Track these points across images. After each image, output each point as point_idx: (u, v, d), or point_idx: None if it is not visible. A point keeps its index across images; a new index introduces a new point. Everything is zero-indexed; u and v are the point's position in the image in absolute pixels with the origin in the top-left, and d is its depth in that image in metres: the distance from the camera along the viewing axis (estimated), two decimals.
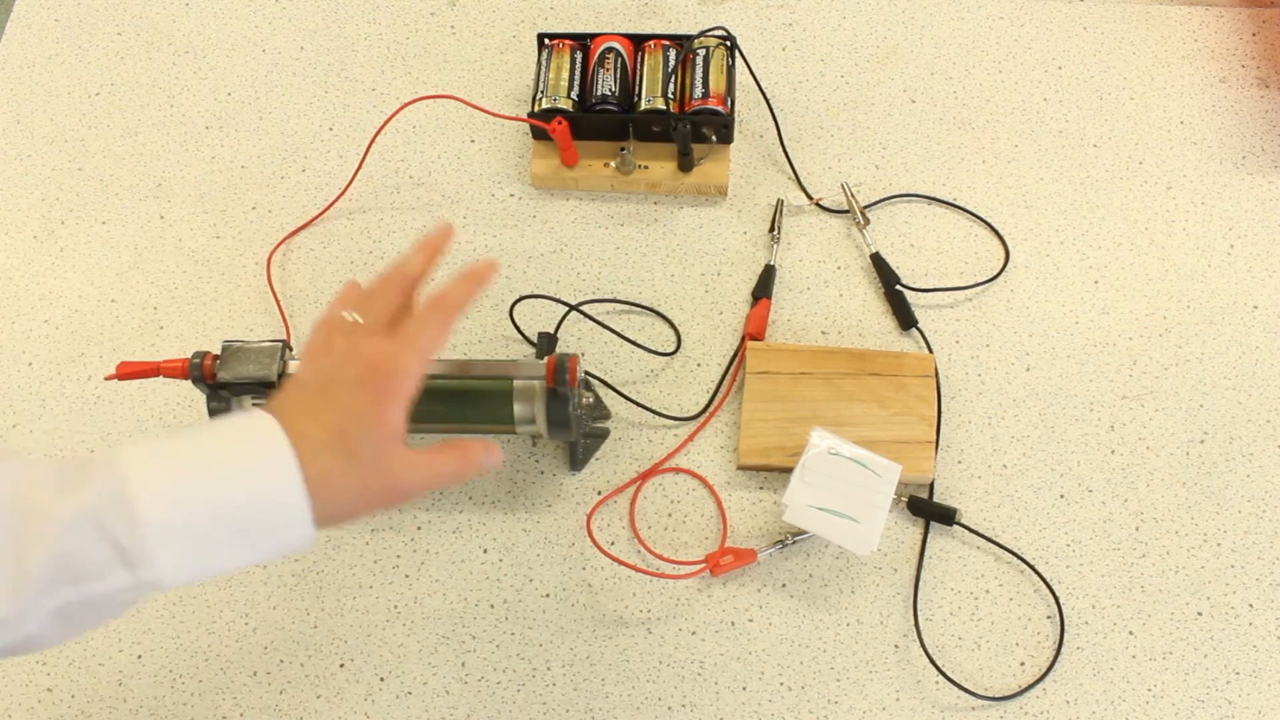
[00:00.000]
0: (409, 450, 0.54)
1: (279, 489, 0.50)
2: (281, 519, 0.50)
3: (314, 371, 0.55)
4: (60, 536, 0.45)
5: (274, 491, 0.50)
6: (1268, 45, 0.93)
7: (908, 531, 0.76)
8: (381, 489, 0.53)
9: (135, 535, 0.46)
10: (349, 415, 0.52)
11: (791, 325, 0.83)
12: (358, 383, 0.53)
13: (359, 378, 0.53)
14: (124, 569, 0.46)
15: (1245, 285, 0.83)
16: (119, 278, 0.87)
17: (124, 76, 0.96)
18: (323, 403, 0.53)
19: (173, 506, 0.47)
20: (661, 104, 0.86)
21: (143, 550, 0.46)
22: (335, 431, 0.52)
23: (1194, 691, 0.71)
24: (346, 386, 0.53)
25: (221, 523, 0.48)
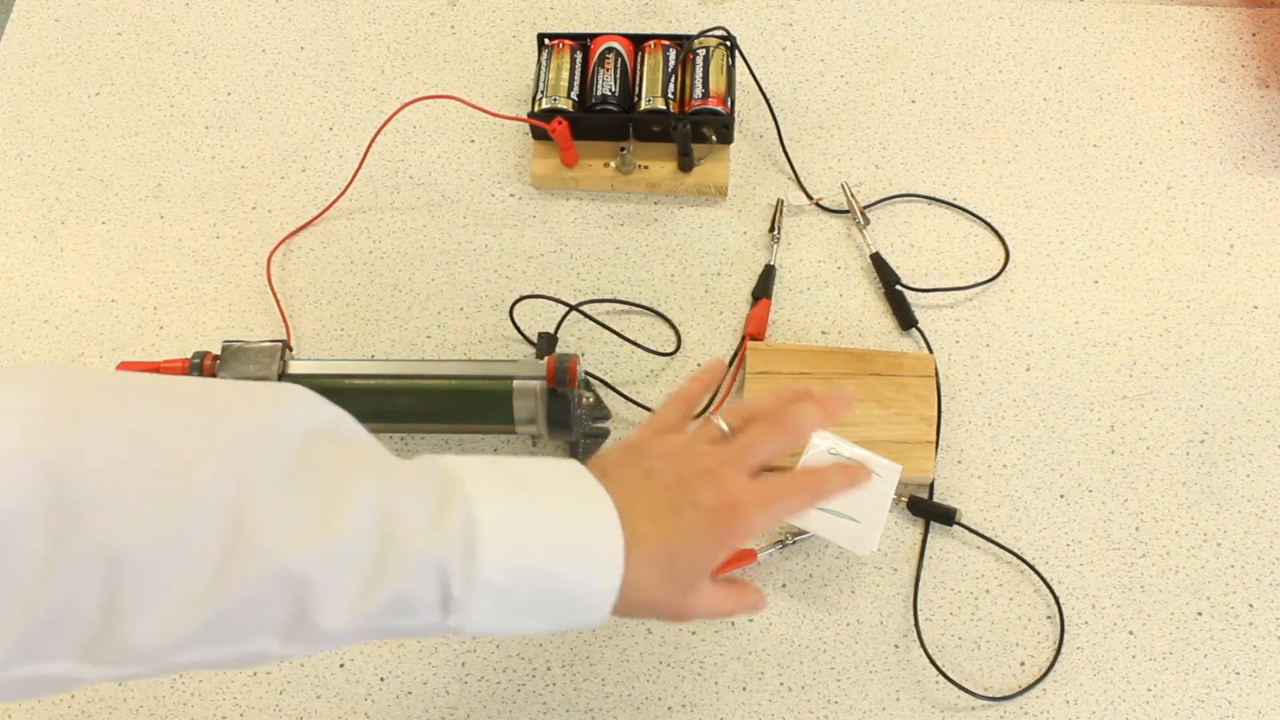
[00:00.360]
0: (709, 584, 0.55)
1: (600, 582, 0.50)
2: (588, 605, 0.50)
3: (671, 468, 0.54)
4: (410, 574, 0.46)
5: (595, 584, 0.50)
6: (1268, 45, 0.93)
7: (908, 531, 0.76)
8: (675, 609, 0.54)
9: (465, 587, 0.47)
10: (688, 540, 0.52)
11: (791, 325, 0.83)
12: (710, 513, 0.52)
13: (713, 508, 0.52)
14: (440, 612, 0.47)
15: (1245, 285, 0.83)
16: (119, 278, 0.87)
17: (124, 76, 0.96)
18: (669, 514, 0.52)
19: (506, 570, 0.48)
20: (661, 104, 0.86)
21: (464, 601, 0.47)
22: (668, 549, 0.51)
23: (1194, 691, 0.71)
24: (697, 509, 0.52)
25: (536, 594, 0.49)
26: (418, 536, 0.46)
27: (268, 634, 0.44)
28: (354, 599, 0.45)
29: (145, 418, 0.43)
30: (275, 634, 0.44)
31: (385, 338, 0.84)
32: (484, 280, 0.86)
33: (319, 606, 0.44)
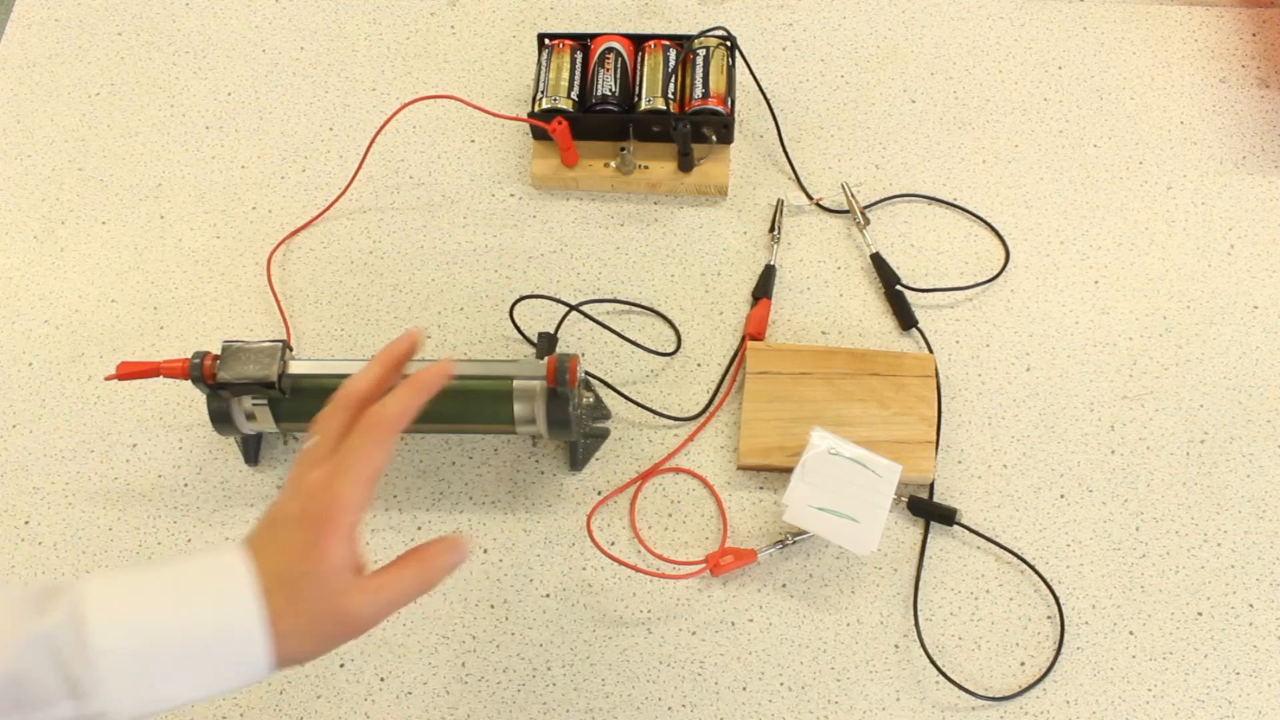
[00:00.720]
0: (363, 578, 0.52)
1: (236, 623, 0.48)
2: (237, 654, 0.49)
3: (271, 506, 0.53)
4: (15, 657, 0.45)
5: (231, 626, 0.48)
6: (1268, 45, 0.93)
7: (908, 531, 0.76)
8: (335, 624, 0.51)
9: (85, 662, 0.45)
10: (290, 554, 0.50)
11: (791, 325, 0.83)
12: (297, 520, 0.51)
13: (299, 513, 0.51)
14: (70, 699, 0.45)
15: (1245, 285, 0.83)
16: (119, 278, 0.87)
17: (124, 76, 0.96)
18: (268, 542, 0.51)
19: (125, 634, 0.46)
20: (661, 104, 0.86)
21: (92, 679, 0.45)
22: (275, 573, 0.50)
23: (1194, 691, 0.71)
24: (288, 524, 0.51)
25: (173, 654, 0.47)
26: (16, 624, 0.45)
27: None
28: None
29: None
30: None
31: (385, 338, 0.84)
32: (484, 280, 0.86)
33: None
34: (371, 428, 0.53)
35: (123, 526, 0.78)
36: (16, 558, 0.78)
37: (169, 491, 0.79)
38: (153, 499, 0.79)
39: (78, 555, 0.77)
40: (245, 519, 0.78)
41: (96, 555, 0.77)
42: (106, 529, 0.78)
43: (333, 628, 0.51)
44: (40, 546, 0.78)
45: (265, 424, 0.73)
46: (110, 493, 0.79)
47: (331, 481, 0.51)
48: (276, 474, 0.79)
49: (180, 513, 0.79)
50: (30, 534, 0.78)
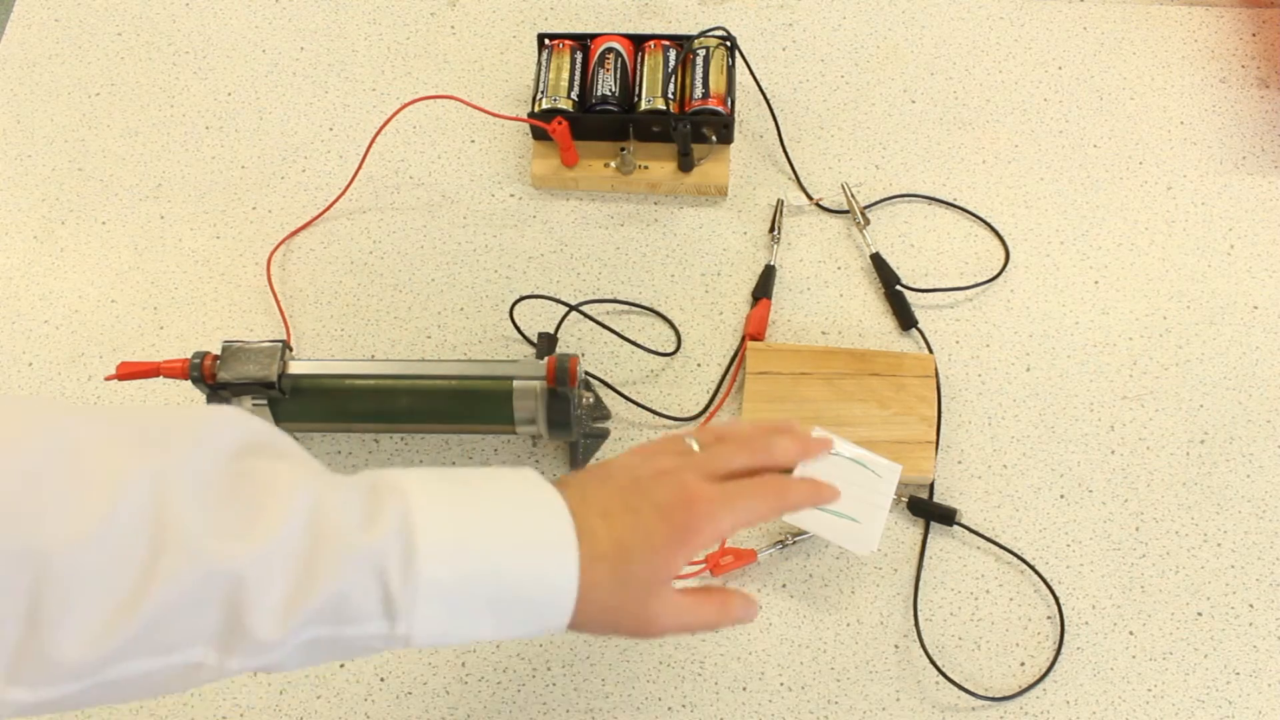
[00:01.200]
0: (674, 591, 0.53)
1: (554, 578, 0.48)
2: (544, 606, 0.49)
3: (628, 473, 0.53)
4: (344, 574, 0.44)
5: (548, 580, 0.48)
6: (1268, 45, 0.93)
7: (908, 531, 0.76)
8: (635, 618, 0.52)
9: (407, 588, 0.45)
10: (641, 535, 0.50)
11: (791, 325, 0.83)
12: (666, 509, 0.51)
13: (669, 504, 0.51)
14: (384, 619, 0.45)
15: (1245, 285, 0.83)
16: (119, 278, 0.87)
17: (124, 76, 0.96)
18: (622, 511, 0.51)
19: (450, 566, 0.46)
20: (661, 104, 0.86)
21: (408, 604, 0.45)
22: (620, 546, 0.50)
23: (1194, 691, 0.71)
24: (653, 506, 0.51)
25: (488, 593, 0.47)
26: (350, 535, 0.45)
27: (201, 643, 0.43)
28: (286, 601, 0.43)
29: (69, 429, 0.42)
30: (209, 643, 0.43)
31: (385, 338, 0.84)
32: (484, 280, 0.86)
33: (250, 610, 0.42)
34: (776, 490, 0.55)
35: None
36: None
37: None
38: None
39: None
40: None
41: None
42: None
43: (629, 620, 0.51)
44: None
45: None
46: None
47: (718, 503, 0.52)
48: None
49: None
50: None
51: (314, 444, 0.80)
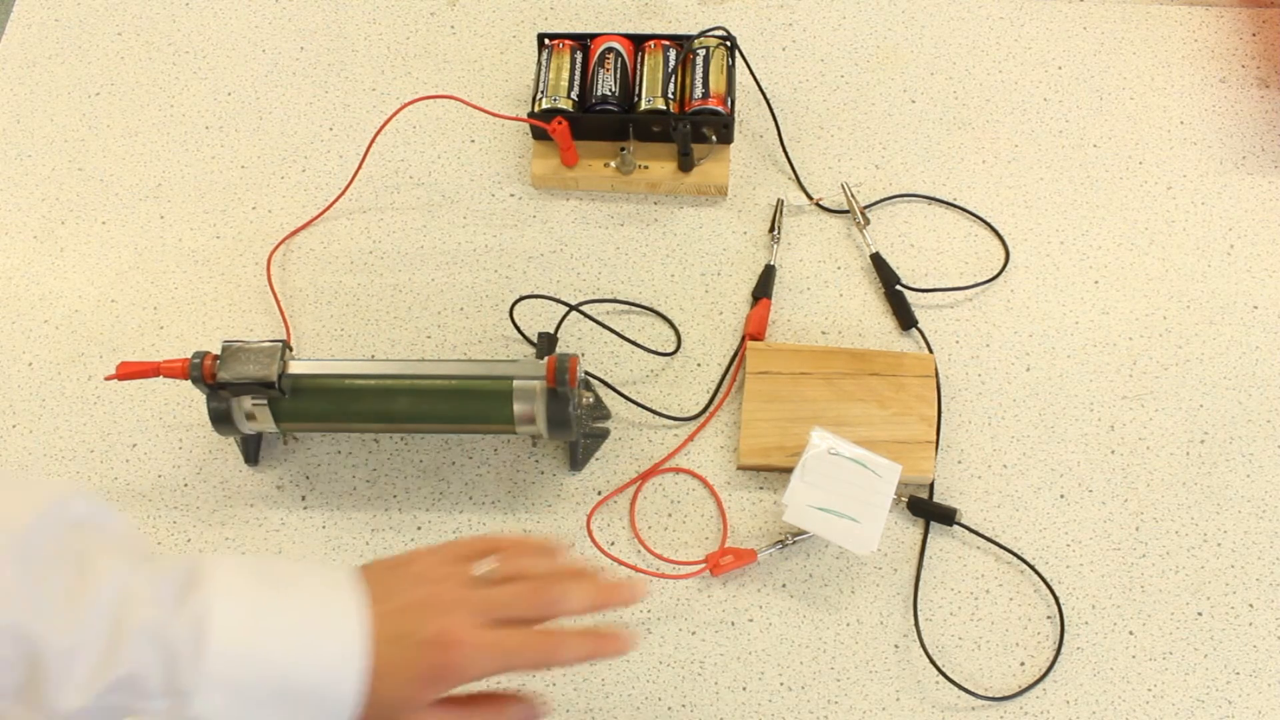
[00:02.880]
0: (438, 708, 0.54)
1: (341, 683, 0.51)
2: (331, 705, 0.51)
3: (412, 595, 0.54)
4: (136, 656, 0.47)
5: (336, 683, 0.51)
6: (1268, 45, 0.93)
7: (908, 531, 0.76)
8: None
9: (195, 675, 0.48)
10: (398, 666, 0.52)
11: (791, 325, 0.83)
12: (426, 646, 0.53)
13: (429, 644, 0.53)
14: (167, 698, 0.48)
15: (1245, 285, 0.83)
16: (119, 278, 0.87)
17: (124, 76, 0.96)
18: (391, 639, 0.53)
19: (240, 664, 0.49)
20: (661, 104, 0.86)
21: (195, 691, 0.48)
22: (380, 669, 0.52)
23: (1194, 691, 0.71)
24: (416, 642, 0.53)
25: (277, 689, 0.49)
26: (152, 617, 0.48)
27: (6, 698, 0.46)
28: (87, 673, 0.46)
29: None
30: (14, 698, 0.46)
31: (385, 338, 0.84)
32: (484, 280, 0.86)
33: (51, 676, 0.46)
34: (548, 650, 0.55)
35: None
36: None
37: (169, 491, 0.79)
38: (152, 499, 0.79)
39: None
40: (245, 519, 0.78)
41: None
42: None
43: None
44: None
45: (265, 424, 0.73)
46: (110, 493, 0.79)
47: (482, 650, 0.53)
48: (276, 474, 0.79)
49: (180, 513, 0.79)
50: None
51: (314, 444, 0.80)
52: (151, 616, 0.48)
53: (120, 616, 0.47)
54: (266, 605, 0.51)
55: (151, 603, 0.48)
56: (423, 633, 0.53)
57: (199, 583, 0.50)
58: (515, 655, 0.54)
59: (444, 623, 0.53)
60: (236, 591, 0.50)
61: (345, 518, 0.78)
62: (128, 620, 0.47)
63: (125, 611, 0.47)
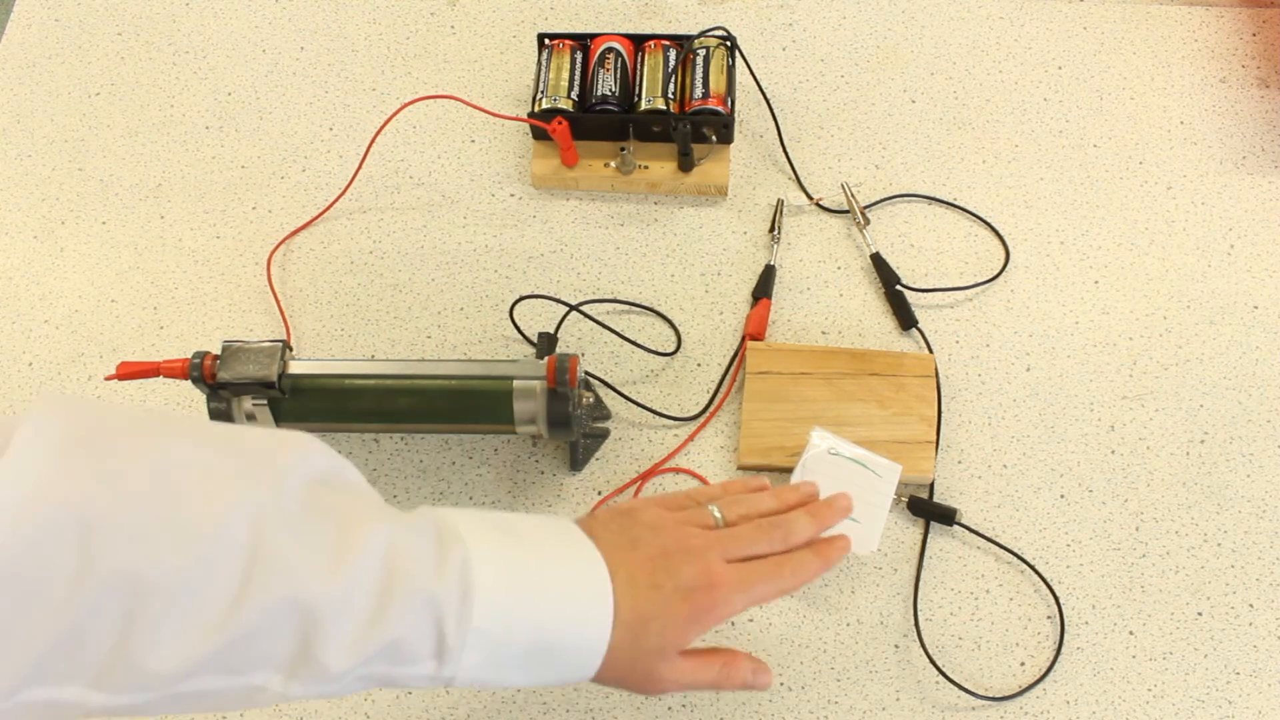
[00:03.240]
0: (682, 657, 0.56)
1: (588, 639, 0.52)
2: (573, 662, 0.52)
3: (657, 543, 0.56)
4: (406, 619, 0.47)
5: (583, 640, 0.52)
6: (1268, 45, 0.93)
7: (908, 531, 0.76)
8: (643, 678, 0.55)
9: (460, 635, 0.48)
10: (661, 610, 0.53)
11: (791, 325, 0.83)
12: (688, 591, 0.54)
13: (691, 588, 0.54)
14: (435, 661, 0.48)
15: (1245, 285, 0.83)
16: (119, 278, 0.87)
17: (124, 76, 0.96)
18: (648, 584, 0.54)
19: (498, 618, 0.49)
20: (661, 104, 0.86)
21: (457, 650, 0.48)
22: (641, 617, 0.53)
23: (1194, 691, 0.71)
24: (676, 586, 0.54)
25: (526, 645, 0.50)
26: (418, 579, 0.47)
27: (271, 668, 0.45)
28: (356, 636, 0.46)
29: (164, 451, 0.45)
30: (279, 669, 0.45)
31: (385, 338, 0.84)
32: (484, 280, 0.86)
33: (323, 641, 0.45)
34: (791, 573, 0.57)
35: None
36: None
37: None
38: None
39: None
40: None
41: None
42: None
43: (636, 679, 0.55)
44: None
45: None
46: None
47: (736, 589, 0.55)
48: None
49: None
50: None
51: None
52: (418, 576, 0.47)
53: (390, 575, 0.47)
54: (518, 561, 0.51)
55: (417, 562, 0.48)
56: (681, 577, 0.54)
57: (453, 540, 0.50)
58: (767, 587, 0.56)
59: (701, 566, 0.54)
60: (489, 547, 0.51)
61: None
62: (397, 580, 0.47)
63: (393, 571, 0.47)
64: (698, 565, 0.55)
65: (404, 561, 0.47)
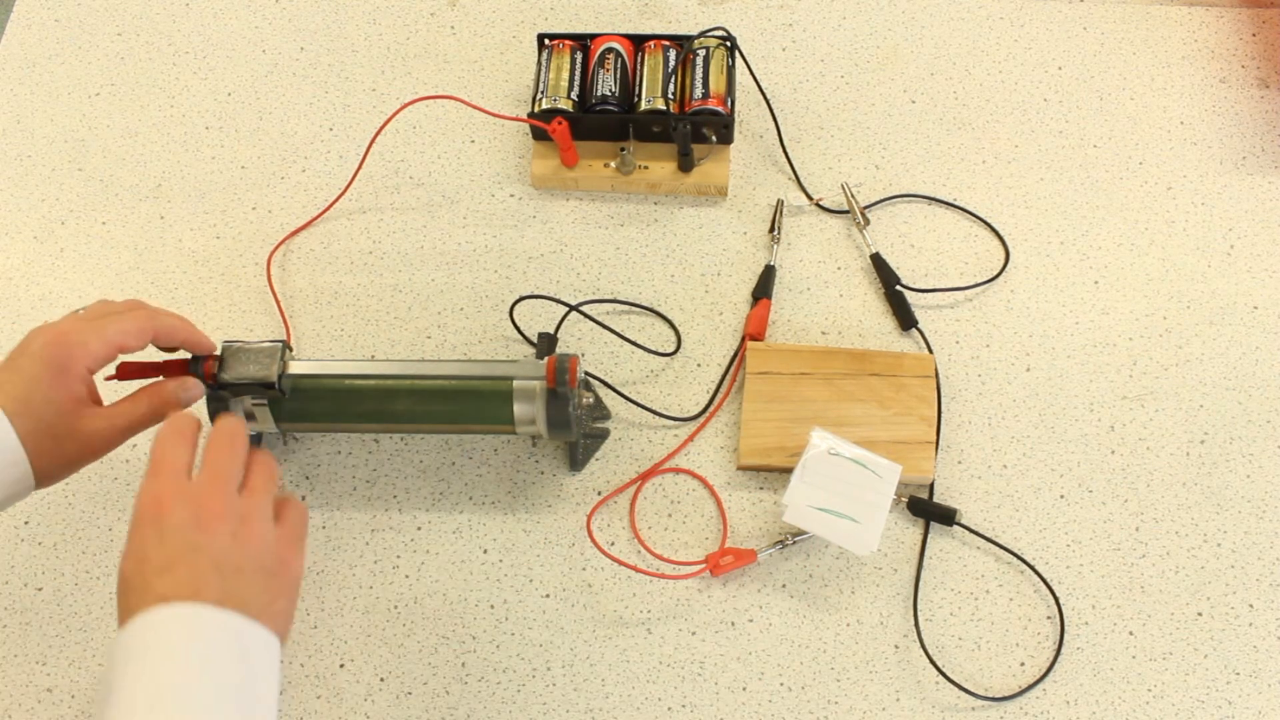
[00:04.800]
0: (101, 407, 0.63)
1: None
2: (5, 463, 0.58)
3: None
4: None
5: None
6: (1268, 45, 0.93)
7: (908, 531, 0.76)
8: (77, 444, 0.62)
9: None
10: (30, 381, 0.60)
11: (791, 325, 0.83)
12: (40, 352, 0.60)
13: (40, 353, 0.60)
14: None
15: (1245, 285, 0.83)
16: (119, 278, 0.87)
17: (124, 76, 0.96)
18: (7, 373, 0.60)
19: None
20: (661, 104, 0.86)
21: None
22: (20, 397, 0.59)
23: (1194, 691, 0.71)
24: (30, 357, 0.60)
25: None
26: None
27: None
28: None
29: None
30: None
31: (385, 338, 0.84)
32: (484, 280, 0.86)
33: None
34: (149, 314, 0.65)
35: (123, 526, 0.78)
36: (16, 558, 0.78)
37: None
38: None
39: (78, 555, 0.77)
40: None
41: (96, 555, 0.77)
42: (106, 529, 0.78)
43: (76, 448, 0.62)
44: (40, 547, 0.78)
45: (265, 424, 0.73)
46: (110, 493, 0.79)
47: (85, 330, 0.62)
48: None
49: None
50: (30, 534, 0.78)
51: (314, 444, 0.80)
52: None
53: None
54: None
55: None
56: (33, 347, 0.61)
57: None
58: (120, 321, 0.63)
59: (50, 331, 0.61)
60: None
61: (345, 518, 0.78)
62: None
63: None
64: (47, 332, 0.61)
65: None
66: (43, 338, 0.61)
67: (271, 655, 0.53)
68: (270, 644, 0.53)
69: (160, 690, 0.49)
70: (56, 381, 0.60)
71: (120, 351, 0.64)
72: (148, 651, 0.50)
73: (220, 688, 0.50)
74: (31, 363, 0.60)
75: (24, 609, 0.76)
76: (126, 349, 0.64)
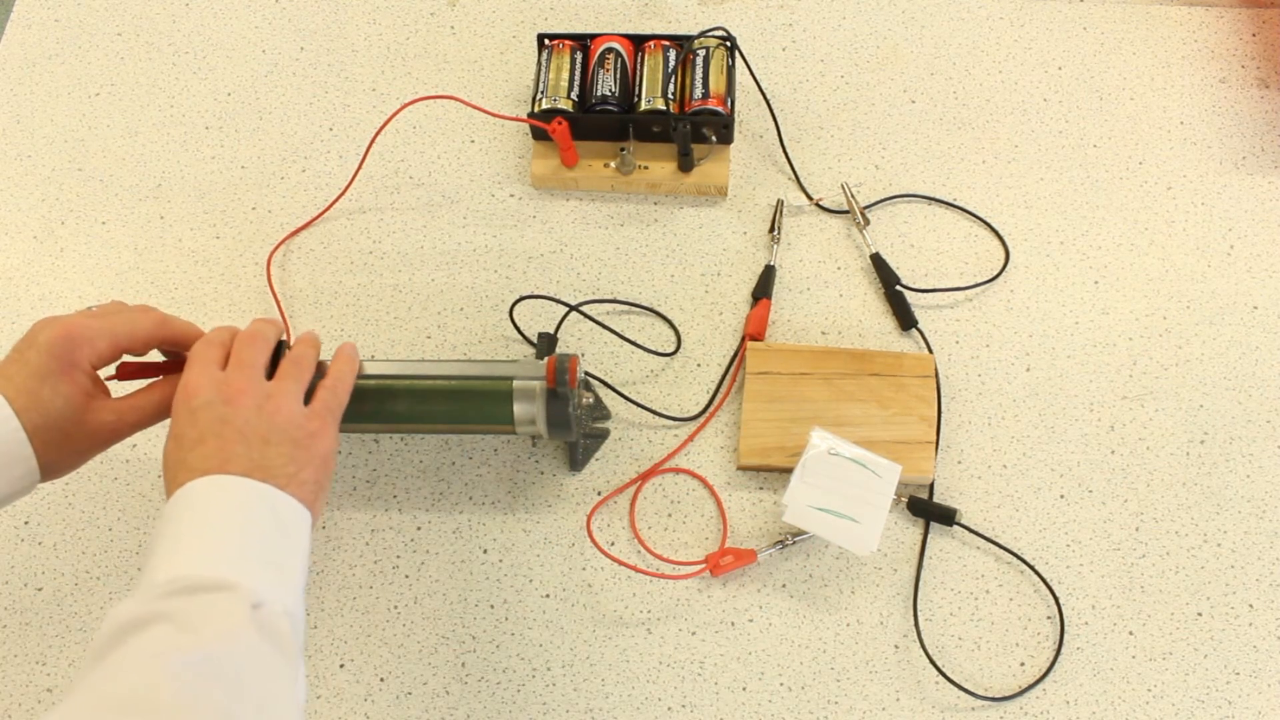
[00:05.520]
0: (108, 400, 0.63)
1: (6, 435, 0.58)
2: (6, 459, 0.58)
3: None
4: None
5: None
6: (1268, 45, 0.93)
7: (908, 531, 0.76)
8: (86, 436, 0.61)
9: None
10: (38, 374, 0.60)
11: (791, 325, 0.83)
12: (47, 347, 0.60)
13: (51, 344, 0.60)
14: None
15: (1245, 285, 0.83)
16: (119, 278, 0.87)
17: (124, 76, 0.96)
18: (15, 365, 0.60)
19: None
20: (661, 104, 0.86)
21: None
22: (27, 390, 0.59)
23: (1194, 691, 0.71)
24: (36, 349, 0.60)
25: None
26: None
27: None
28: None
29: None
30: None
31: (385, 338, 0.84)
32: (484, 280, 0.86)
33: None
34: (142, 310, 0.65)
35: (123, 526, 0.78)
36: (16, 558, 0.78)
37: None
38: (153, 499, 0.79)
39: (78, 555, 0.77)
40: None
41: (96, 555, 0.77)
42: (106, 529, 0.78)
43: (86, 438, 0.62)
44: (40, 546, 0.78)
45: None
46: (110, 493, 0.79)
47: (92, 328, 0.62)
48: None
49: None
50: (30, 534, 0.78)
51: None
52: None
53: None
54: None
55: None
56: (39, 341, 0.60)
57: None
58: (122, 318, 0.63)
59: (55, 325, 0.61)
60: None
61: (345, 518, 0.78)
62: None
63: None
64: (55, 325, 0.61)
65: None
66: (50, 331, 0.61)
67: (302, 523, 0.57)
68: (300, 513, 0.57)
69: (200, 536, 0.54)
70: (65, 375, 0.60)
71: (125, 351, 0.64)
72: (183, 514, 0.55)
73: (251, 539, 0.54)
74: (39, 355, 0.60)
75: (24, 609, 0.76)
76: (133, 350, 0.64)
